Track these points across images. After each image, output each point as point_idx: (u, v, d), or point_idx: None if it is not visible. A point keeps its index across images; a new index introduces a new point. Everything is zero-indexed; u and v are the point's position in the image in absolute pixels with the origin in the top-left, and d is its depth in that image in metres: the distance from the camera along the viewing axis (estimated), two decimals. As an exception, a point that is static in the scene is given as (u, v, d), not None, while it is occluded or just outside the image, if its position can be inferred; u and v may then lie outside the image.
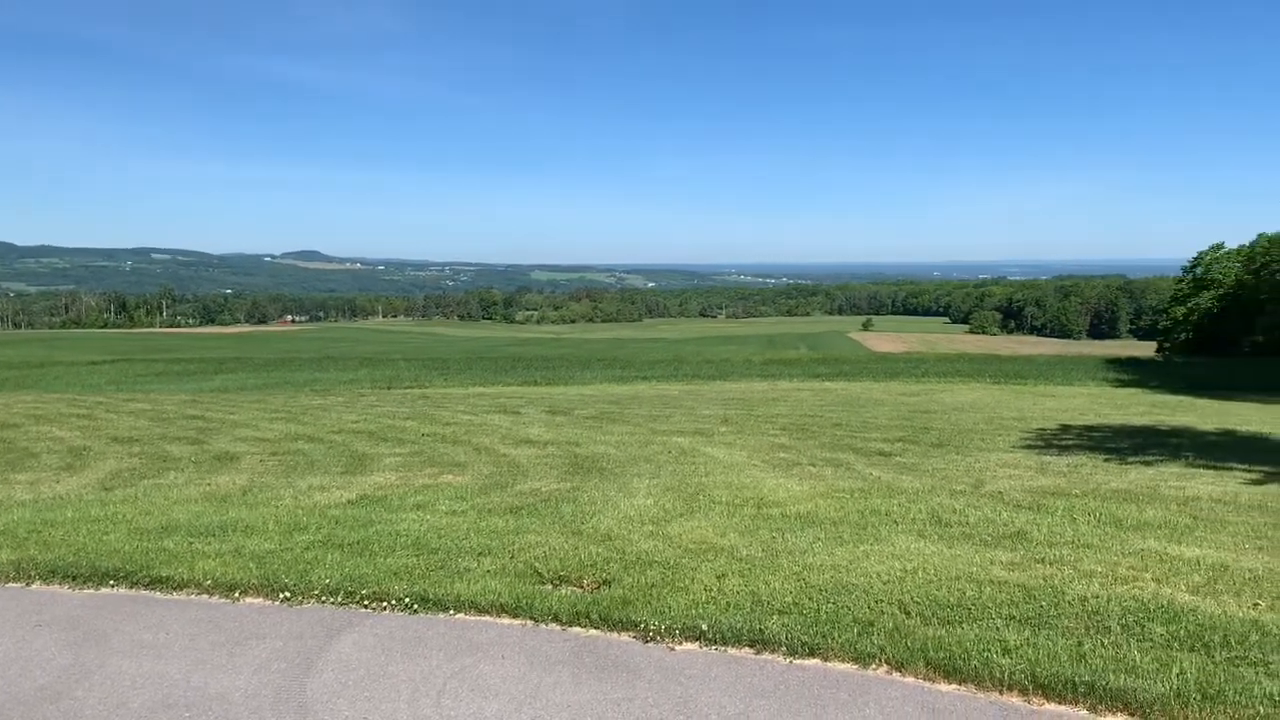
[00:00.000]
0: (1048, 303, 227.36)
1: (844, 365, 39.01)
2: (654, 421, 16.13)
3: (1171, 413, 18.60)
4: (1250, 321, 64.02)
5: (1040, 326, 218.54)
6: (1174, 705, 4.45)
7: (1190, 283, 78.75)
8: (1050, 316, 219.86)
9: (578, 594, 6.36)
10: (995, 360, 42.17)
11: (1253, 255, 68.21)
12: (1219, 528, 7.74)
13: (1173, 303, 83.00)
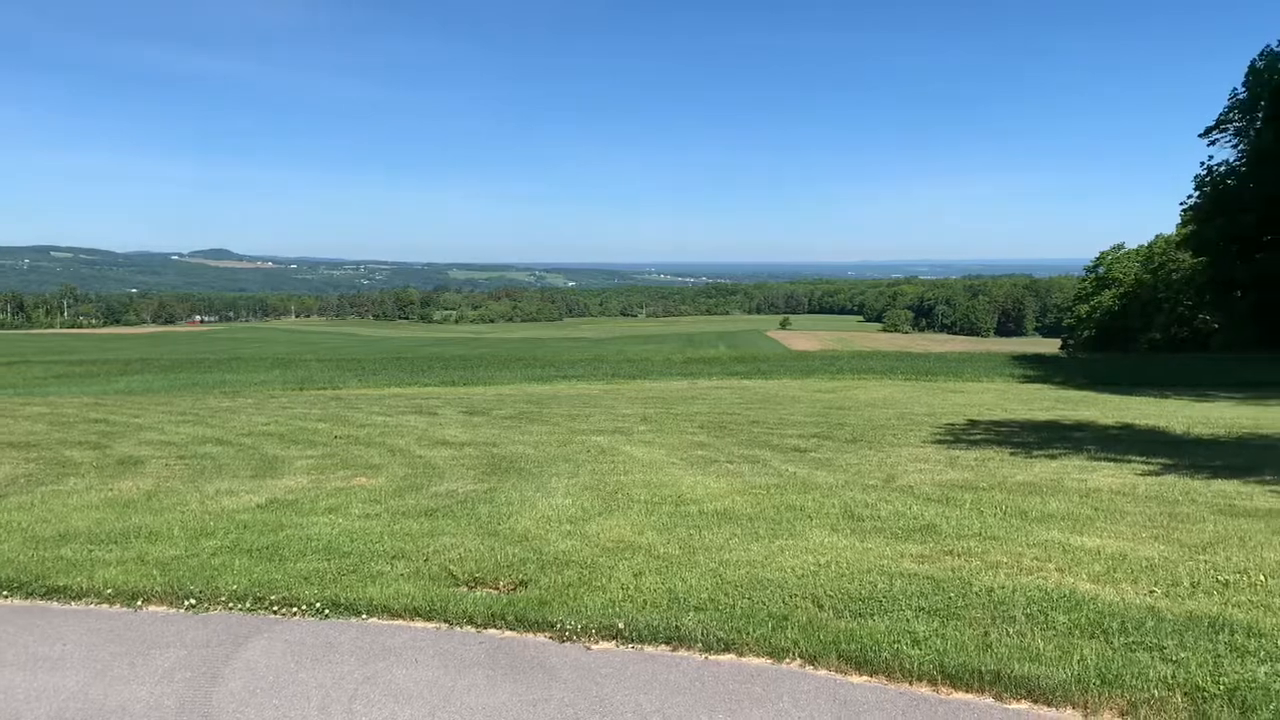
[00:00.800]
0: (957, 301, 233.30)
1: (762, 363, 39.43)
2: (573, 421, 16.09)
3: (1074, 407, 19.21)
4: (1149, 319, 66.58)
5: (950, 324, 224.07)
6: (1075, 691, 4.59)
7: (1093, 282, 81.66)
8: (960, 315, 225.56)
9: (493, 595, 6.31)
10: (907, 357, 43.03)
11: (1151, 255, 70.99)
12: (1118, 518, 8.01)
13: (1076, 301, 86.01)
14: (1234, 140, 48.30)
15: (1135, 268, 74.16)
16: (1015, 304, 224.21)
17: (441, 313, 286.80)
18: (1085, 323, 78.72)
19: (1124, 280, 75.07)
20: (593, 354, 55.40)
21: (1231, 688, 4.51)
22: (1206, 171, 48.72)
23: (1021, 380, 30.11)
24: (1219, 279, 48.88)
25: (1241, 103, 47.25)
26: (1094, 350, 68.34)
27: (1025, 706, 4.58)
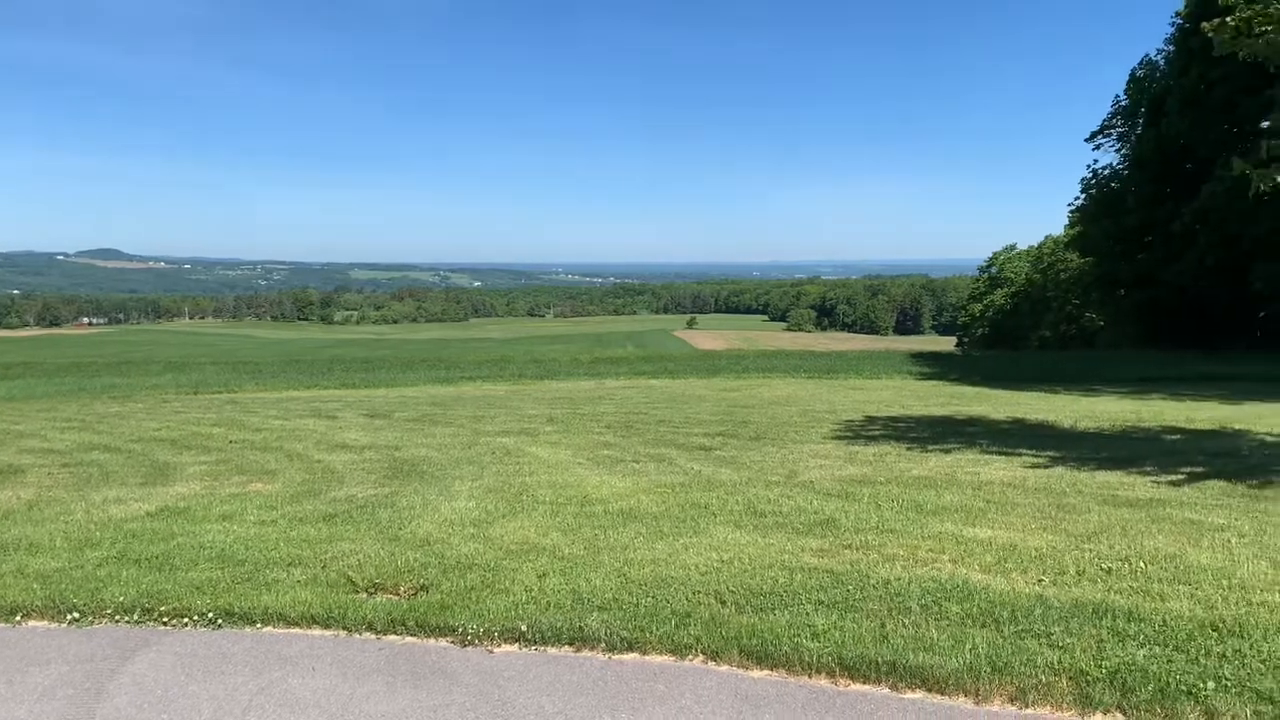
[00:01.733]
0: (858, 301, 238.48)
1: (669, 363, 39.64)
2: (478, 422, 15.94)
3: (968, 403, 19.80)
4: (1039, 317, 69.03)
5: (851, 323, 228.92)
6: (967, 679, 4.73)
7: (986, 281, 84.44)
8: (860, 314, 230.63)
9: (394, 601, 6.20)
10: (810, 356, 43.77)
11: (1041, 255, 73.66)
12: (1009, 510, 8.28)
13: (970, 300, 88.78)
14: (1117, 145, 50.43)
15: (1026, 268, 76.87)
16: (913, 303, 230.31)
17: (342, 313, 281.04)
18: (979, 321, 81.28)
19: (1015, 280, 77.75)
20: (499, 354, 54.98)
21: (1113, 670, 4.70)
22: (1092, 175, 50.73)
23: (918, 377, 30.89)
24: (1104, 278, 50.94)
25: (1124, 109, 49.35)
26: (987, 348, 70.58)
27: (920, 696, 4.70)
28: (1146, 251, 45.45)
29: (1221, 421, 14.82)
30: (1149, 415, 16.39)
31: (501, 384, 29.02)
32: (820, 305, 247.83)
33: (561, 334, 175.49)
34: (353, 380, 31.38)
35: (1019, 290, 75.55)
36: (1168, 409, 17.90)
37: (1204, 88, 39.46)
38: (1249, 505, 8.33)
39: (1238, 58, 10.43)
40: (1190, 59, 39.72)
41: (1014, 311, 74.23)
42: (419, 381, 30.61)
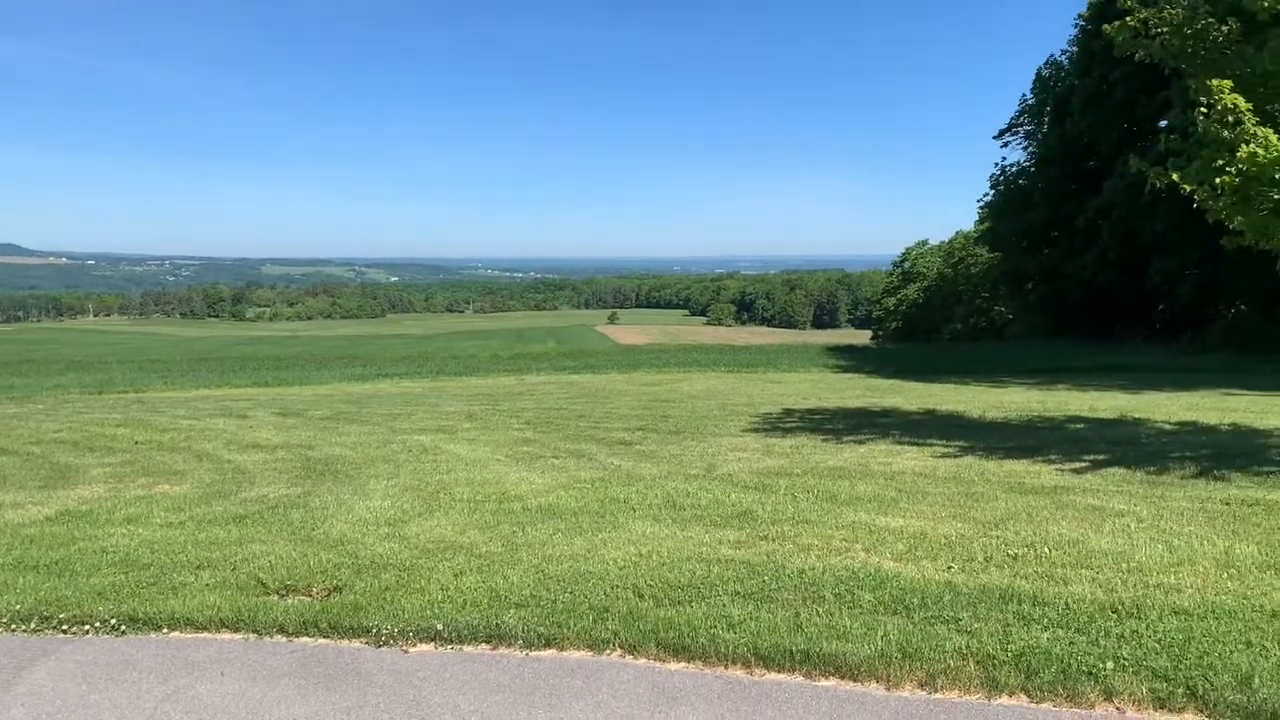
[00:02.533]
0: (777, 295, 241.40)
1: (590, 358, 39.61)
2: (394, 420, 15.71)
3: (882, 395, 20.19)
4: (951, 310, 70.78)
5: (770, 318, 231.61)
6: (879, 665, 4.82)
7: (899, 276, 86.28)
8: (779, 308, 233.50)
9: (306, 603, 6.08)
10: (730, 350, 44.19)
11: (952, 250, 75.53)
12: (920, 499, 8.46)
13: (884, 294, 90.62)
14: (1024, 143, 52.01)
15: (938, 262, 78.74)
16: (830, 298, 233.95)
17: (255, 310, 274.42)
18: (893, 315, 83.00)
19: (928, 274, 79.59)
20: (417, 351, 54.29)
21: (1018, 654, 4.84)
22: (1000, 171, 52.20)
23: (835, 370, 31.42)
24: (1012, 272, 52.47)
25: (1030, 107, 50.85)
26: (901, 341, 72.09)
27: (833, 683, 4.77)
28: (1052, 246, 46.94)
29: (1122, 410, 15.35)
30: (1054, 405, 16.91)
31: (419, 381, 28.66)
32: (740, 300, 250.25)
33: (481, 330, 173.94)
34: (265, 378, 30.68)
35: (931, 284, 77.36)
36: (1072, 399, 18.49)
37: (1105, 87, 40.88)
38: (1147, 491, 8.64)
39: (1135, 59, 10.81)
40: (1092, 60, 41.09)
41: (927, 305, 75.98)
42: (334, 379, 30.06)
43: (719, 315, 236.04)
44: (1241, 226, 9.34)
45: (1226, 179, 8.99)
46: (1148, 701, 4.41)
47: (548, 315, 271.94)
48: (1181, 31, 9.96)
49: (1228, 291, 37.14)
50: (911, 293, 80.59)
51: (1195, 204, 9.84)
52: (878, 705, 4.52)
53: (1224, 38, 9.83)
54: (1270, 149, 8.59)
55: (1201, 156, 9.46)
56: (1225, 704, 4.31)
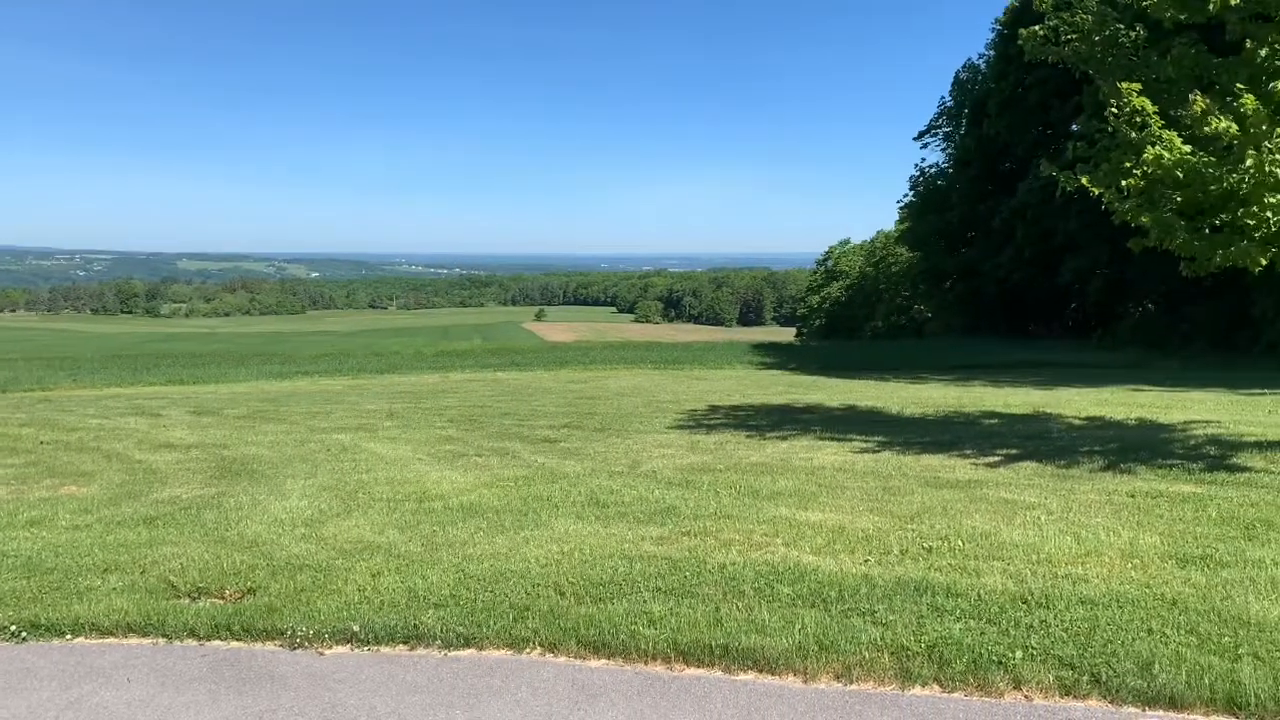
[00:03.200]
0: (703, 293, 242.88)
1: (516, 355, 39.36)
2: (313, 419, 15.42)
3: (805, 391, 20.44)
4: (872, 308, 71.98)
5: (697, 315, 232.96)
6: (796, 658, 4.87)
7: (822, 274, 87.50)
8: (706, 306, 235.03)
9: (218, 605, 5.93)
10: (657, 347, 44.33)
11: (873, 249, 76.84)
12: (839, 493, 8.59)
13: (808, 292, 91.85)
14: (943, 144, 53.11)
15: (859, 261, 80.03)
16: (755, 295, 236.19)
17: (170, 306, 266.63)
18: (817, 312, 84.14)
19: (850, 273, 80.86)
20: (338, 348, 53.40)
21: (931, 644, 4.93)
22: (920, 172, 53.28)
23: (760, 367, 31.72)
24: (930, 271, 53.57)
25: (948, 110, 51.97)
26: (825, 338, 73.11)
27: (752, 677, 4.81)
28: (969, 246, 48.06)
29: (1035, 406, 15.78)
30: (970, 401, 17.31)
31: (340, 379, 28.17)
32: (667, 297, 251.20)
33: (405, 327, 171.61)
34: (180, 376, 29.86)
35: (854, 283, 78.60)
36: (987, 394, 18.95)
37: (1020, 91, 41.98)
38: (1057, 484, 8.89)
39: (1049, 64, 11.12)
40: (1008, 64, 42.14)
41: (849, 303, 77.17)
42: (251, 377, 29.38)
43: (646, 312, 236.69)
44: (1147, 227, 9.65)
45: (1133, 181, 9.29)
46: (1054, 689, 4.53)
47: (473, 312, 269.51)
48: (1091, 37, 10.26)
49: (1135, 290, 38.42)
50: (834, 291, 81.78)
51: (1104, 205, 10.15)
52: (794, 698, 4.57)
53: (1131, 43, 10.16)
54: (1174, 151, 8.89)
55: (1110, 160, 9.76)
56: (1127, 690, 4.45)
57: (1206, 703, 4.33)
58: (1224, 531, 7.02)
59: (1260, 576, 5.88)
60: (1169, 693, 4.39)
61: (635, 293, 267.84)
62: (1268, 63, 9.13)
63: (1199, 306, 33.49)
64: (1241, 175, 8.58)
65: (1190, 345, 33.31)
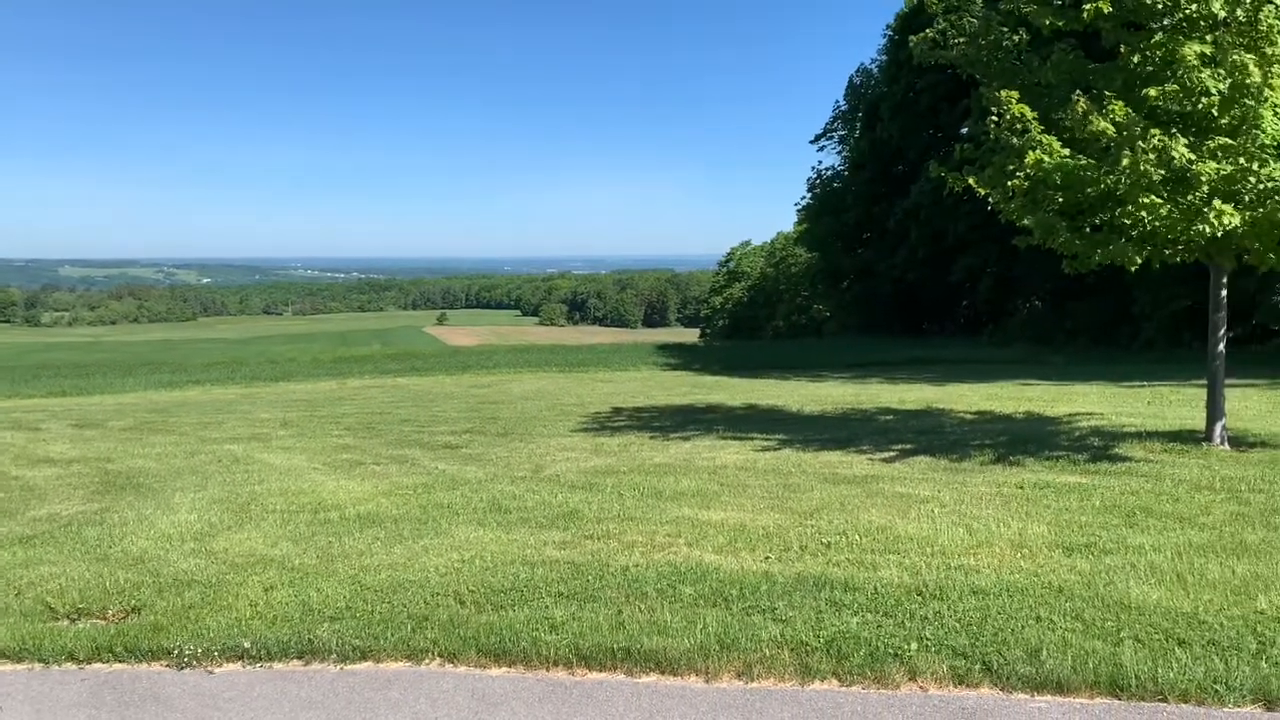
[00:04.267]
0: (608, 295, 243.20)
1: (417, 360, 38.75)
2: (204, 429, 14.92)
3: (708, 391, 20.63)
4: (773, 308, 73.12)
5: (602, 317, 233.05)
6: (698, 658, 4.88)
7: (725, 275, 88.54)
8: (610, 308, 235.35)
9: (100, 626, 5.67)
10: (562, 349, 44.18)
11: (774, 251, 78.06)
12: (741, 492, 8.67)
13: (711, 293, 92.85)
14: (839, 147, 54.24)
15: (760, 262, 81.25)
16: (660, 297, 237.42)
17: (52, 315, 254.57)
18: (720, 313, 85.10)
19: (751, 274, 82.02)
20: (231, 356, 51.83)
21: (830, 639, 5.00)
22: (817, 175, 54.32)
23: (664, 368, 31.89)
24: (828, 271, 54.65)
25: (844, 114, 53.11)
26: (728, 338, 73.95)
27: (654, 679, 4.81)
28: (865, 246, 49.18)
29: (929, 402, 16.21)
30: (866, 398, 17.69)
31: (233, 387, 27.33)
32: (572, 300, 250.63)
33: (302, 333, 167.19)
34: (62, 388, 28.58)
35: (755, 284, 79.72)
36: (883, 391, 19.40)
37: (912, 95, 43.12)
38: (950, 478, 9.14)
39: (939, 68, 11.43)
40: (900, 68, 43.25)
41: (751, 303, 78.23)
42: (139, 387, 28.30)
43: (551, 315, 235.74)
44: (1030, 226, 10.00)
45: (1016, 182, 9.61)
46: (948, 679, 4.63)
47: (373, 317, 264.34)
48: (977, 41, 10.59)
49: (1023, 288, 39.82)
50: (737, 292, 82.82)
51: (990, 206, 10.48)
52: (696, 698, 4.58)
53: (1015, 48, 10.51)
54: (1054, 155, 9.23)
55: (994, 163, 10.08)
56: (1017, 677, 4.58)
57: (1091, 686, 4.48)
58: (1107, 520, 7.30)
59: (1140, 562, 6.13)
60: (1056, 678, 4.53)
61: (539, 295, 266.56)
62: (1140, 68, 9.54)
63: (1083, 303, 34.87)
64: (1118, 176, 8.94)
65: (1075, 341, 34.67)
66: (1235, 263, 10.08)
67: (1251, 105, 8.73)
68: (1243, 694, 4.32)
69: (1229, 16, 8.95)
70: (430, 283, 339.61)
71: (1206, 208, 8.61)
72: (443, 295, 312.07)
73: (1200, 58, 8.94)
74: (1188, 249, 9.65)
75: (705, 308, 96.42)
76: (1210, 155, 8.74)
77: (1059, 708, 4.34)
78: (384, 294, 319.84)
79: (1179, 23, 9.18)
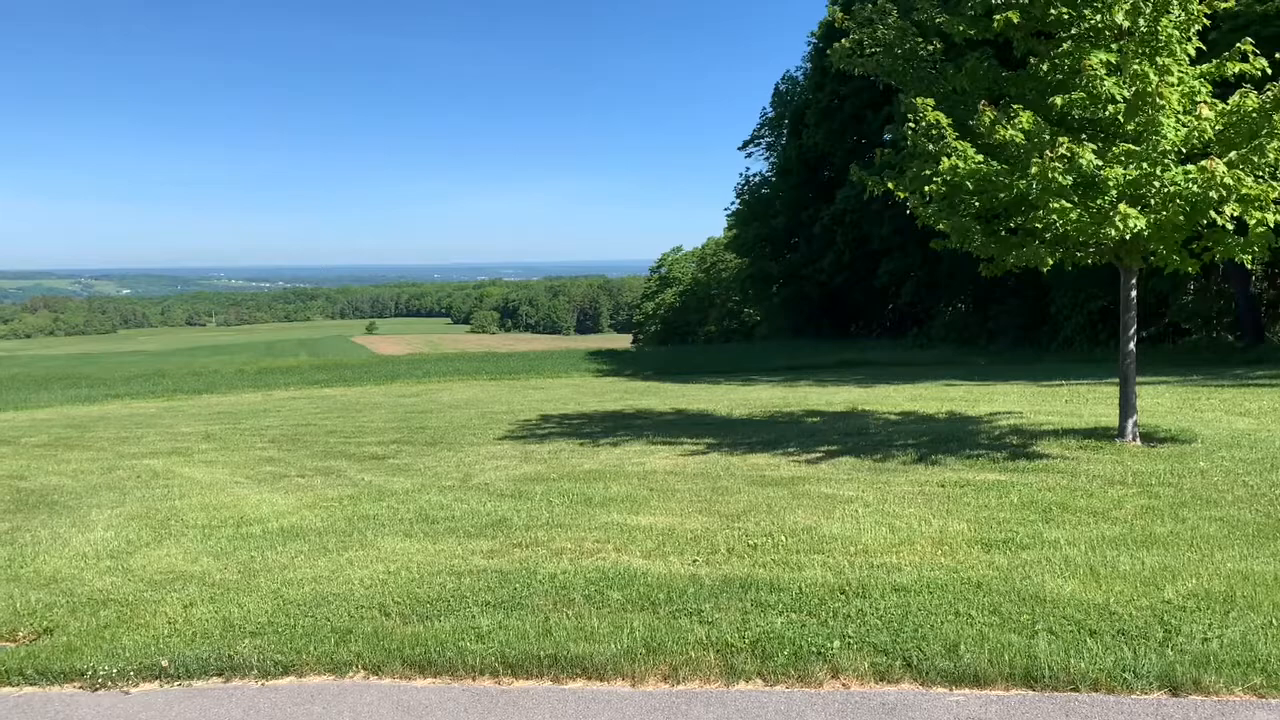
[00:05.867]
0: (540, 302, 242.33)
1: (345, 370, 38.18)
2: (122, 444, 14.52)
3: (639, 397, 20.68)
4: (705, 314, 73.56)
5: (534, 324, 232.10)
6: (624, 663, 4.91)
7: (657, 281, 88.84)
8: (543, 315, 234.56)
9: (9, 649, 5.51)
10: (493, 357, 43.88)
11: (704, 256, 78.57)
12: (670, 496, 8.72)
13: (644, 299, 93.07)
14: (766, 153, 54.84)
15: (691, 268, 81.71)
16: (592, 303, 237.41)
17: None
18: (652, 319, 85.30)
19: (683, 279, 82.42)
20: (152, 368, 50.41)
21: (754, 640, 5.06)
22: (745, 181, 54.80)
23: (597, 374, 31.87)
24: (757, 276, 55.11)
25: (771, 120, 53.69)
26: (660, 343, 74.13)
27: (580, 685, 4.82)
28: (793, 251, 49.73)
29: (854, 404, 16.46)
30: (795, 400, 17.90)
31: (154, 400, 26.62)
32: (503, 307, 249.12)
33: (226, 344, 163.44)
34: (-29, 404, 27.55)
35: (687, 289, 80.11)
36: (811, 394, 19.64)
37: (836, 102, 43.73)
38: (874, 478, 9.30)
39: (861, 76, 11.65)
40: (825, 76, 43.81)
41: (683, 309, 78.59)
42: (55, 401, 27.40)
43: (482, 323, 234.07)
44: (947, 229, 10.24)
45: (933, 188, 9.84)
46: (870, 676, 4.72)
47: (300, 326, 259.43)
48: (893, 50, 10.81)
49: (946, 290, 40.63)
50: (669, 297, 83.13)
51: (908, 210, 10.71)
52: (623, 703, 4.60)
53: (930, 57, 10.76)
54: (967, 161, 9.47)
55: (911, 168, 10.31)
56: (936, 671, 4.69)
57: (1006, 678, 4.61)
58: (1024, 516, 7.50)
59: (1055, 556, 6.31)
60: (973, 671, 4.65)
61: (470, 303, 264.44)
62: (1050, 76, 9.84)
63: (1004, 305, 35.71)
64: (1029, 182, 9.20)
65: (997, 341, 35.49)
66: (1143, 264, 10.43)
67: (1153, 113, 9.05)
68: (1150, 681, 4.48)
69: (1131, 26, 9.28)
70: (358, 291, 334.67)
71: (1113, 212, 8.90)
72: (371, 304, 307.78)
73: (1105, 66, 9.25)
74: (1098, 251, 9.98)
75: (638, 313, 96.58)
76: (1116, 161, 9.04)
77: (976, 700, 4.46)
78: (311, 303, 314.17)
79: (1085, 32, 9.49)
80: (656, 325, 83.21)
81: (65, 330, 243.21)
